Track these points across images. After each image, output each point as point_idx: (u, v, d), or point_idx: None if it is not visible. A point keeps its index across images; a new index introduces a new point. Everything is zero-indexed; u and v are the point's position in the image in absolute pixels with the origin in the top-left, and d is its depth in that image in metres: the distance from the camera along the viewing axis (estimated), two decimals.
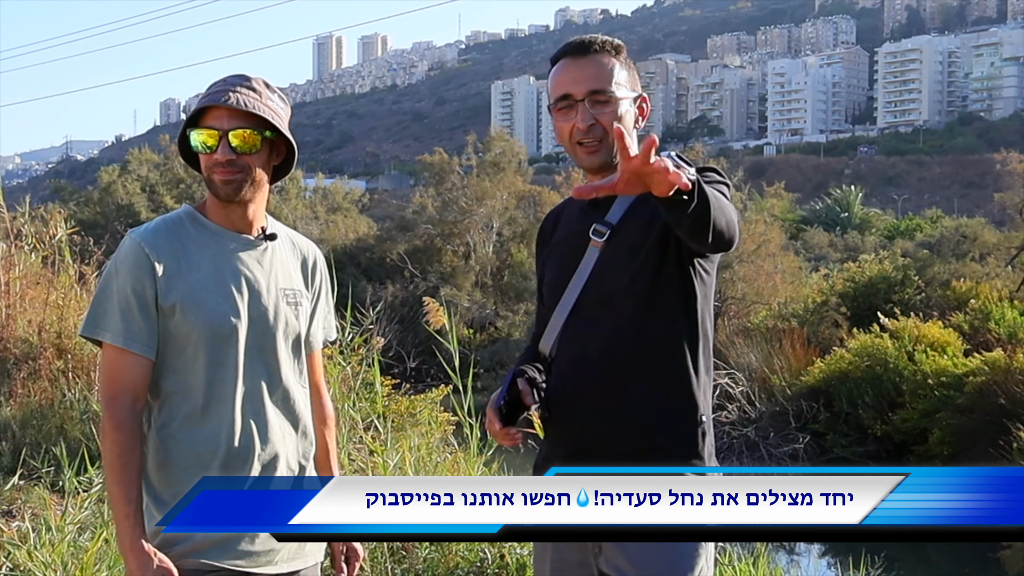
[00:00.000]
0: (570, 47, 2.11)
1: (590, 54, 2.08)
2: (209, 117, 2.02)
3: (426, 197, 29.29)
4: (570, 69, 2.08)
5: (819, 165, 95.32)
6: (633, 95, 2.10)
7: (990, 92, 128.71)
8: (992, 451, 11.89)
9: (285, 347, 2.12)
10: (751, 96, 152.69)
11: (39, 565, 3.31)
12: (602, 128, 2.04)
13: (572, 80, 2.06)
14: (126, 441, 1.96)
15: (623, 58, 2.11)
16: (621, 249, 2.05)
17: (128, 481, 1.95)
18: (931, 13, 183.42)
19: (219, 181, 2.03)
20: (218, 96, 2.01)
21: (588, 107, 2.04)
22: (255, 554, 2.05)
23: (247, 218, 2.11)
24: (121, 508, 1.94)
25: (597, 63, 2.07)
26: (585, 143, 2.06)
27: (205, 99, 2.03)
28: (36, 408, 5.49)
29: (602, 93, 2.05)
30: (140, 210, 29.41)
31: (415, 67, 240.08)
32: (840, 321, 18.11)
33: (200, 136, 2.02)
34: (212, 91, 2.05)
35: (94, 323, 2.02)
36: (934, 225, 36.96)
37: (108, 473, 1.97)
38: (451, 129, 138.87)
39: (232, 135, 2.01)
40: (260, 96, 2.05)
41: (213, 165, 2.02)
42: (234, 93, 2.02)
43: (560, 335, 2.12)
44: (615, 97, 2.05)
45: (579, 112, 2.05)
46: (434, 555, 3.77)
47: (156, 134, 73.59)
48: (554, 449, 2.13)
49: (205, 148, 2.02)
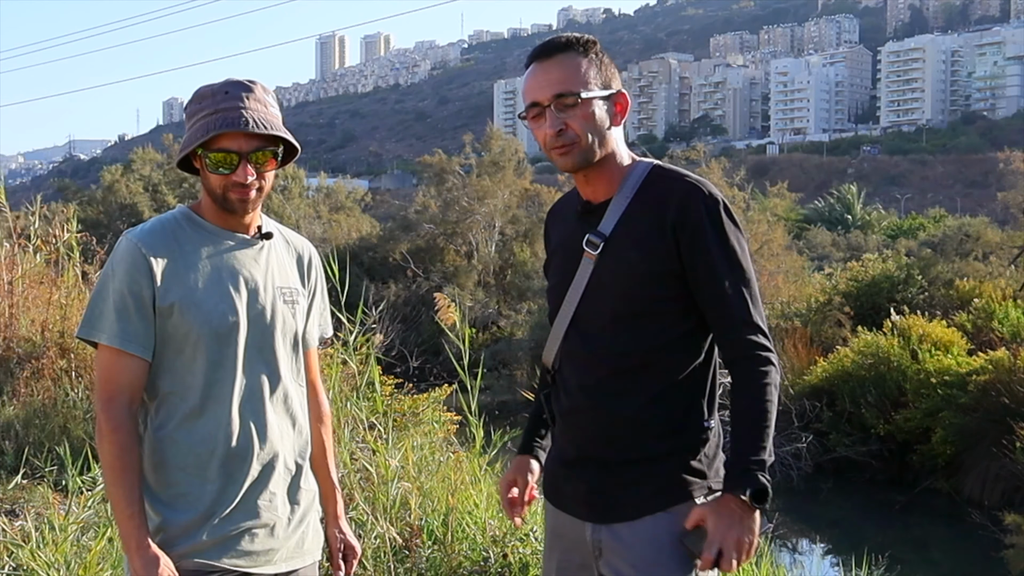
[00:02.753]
0: (536, 50, 2.05)
1: (555, 56, 2.02)
2: (223, 139, 1.98)
3: (428, 197, 29.30)
4: (536, 74, 2.03)
5: (822, 164, 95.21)
6: (605, 93, 2.03)
7: (993, 91, 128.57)
8: (995, 451, 11.87)
9: (283, 345, 2.12)
10: (754, 95, 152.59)
11: (42, 565, 3.31)
12: (573, 132, 1.99)
13: (537, 86, 2.02)
14: (125, 442, 1.96)
15: (593, 54, 2.03)
16: (614, 263, 2.02)
17: (129, 482, 1.94)
18: (934, 12, 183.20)
19: (236, 199, 2.02)
20: (235, 120, 1.97)
21: (555, 112, 1.99)
22: (254, 553, 2.05)
23: (246, 219, 2.11)
24: (124, 509, 1.93)
25: (562, 65, 2.00)
26: (557, 147, 2.01)
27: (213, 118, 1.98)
28: (39, 407, 5.49)
29: (568, 95, 1.98)
30: (143, 210, 29.45)
31: (418, 66, 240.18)
32: (843, 320, 18.08)
33: (217, 158, 1.99)
34: (217, 107, 1.99)
35: (91, 325, 2.01)
36: (937, 224, 36.88)
37: (108, 474, 1.97)
38: (454, 128, 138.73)
39: (252, 156, 2.00)
40: (267, 107, 2.04)
41: (232, 185, 2.01)
42: (246, 112, 1.99)
43: (561, 347, 2.12)
44: (582, 98, 1.99)
45: (547, 117, 2.00)
46: (437, 554, 3.77)
47: (159, 133, 73.60)
48: (560, 455, 2.16)
49: (223, 170, 2.00)
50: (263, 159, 2.02)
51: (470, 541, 3.83)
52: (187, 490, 2.00)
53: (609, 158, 2.06)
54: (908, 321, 14.97)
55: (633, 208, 2.02)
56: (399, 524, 3.84)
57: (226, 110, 1.99)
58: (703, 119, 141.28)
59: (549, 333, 2.16)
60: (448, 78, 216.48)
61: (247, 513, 2.04)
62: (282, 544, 2.09)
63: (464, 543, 3.82)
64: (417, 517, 3.89)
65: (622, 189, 2.05)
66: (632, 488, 2.01)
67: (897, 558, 9.16)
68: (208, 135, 1.96)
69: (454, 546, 3.78)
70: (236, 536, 2.03)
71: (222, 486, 2.01)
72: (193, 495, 2.00)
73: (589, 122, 2.00)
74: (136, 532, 1.91)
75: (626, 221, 2.02)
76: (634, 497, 2.01)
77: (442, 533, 3.83)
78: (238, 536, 2.03)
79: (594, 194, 2.09)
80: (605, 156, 2.04)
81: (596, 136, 2.01)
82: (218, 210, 2.07)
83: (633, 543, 2.00)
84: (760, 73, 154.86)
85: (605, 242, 2.03)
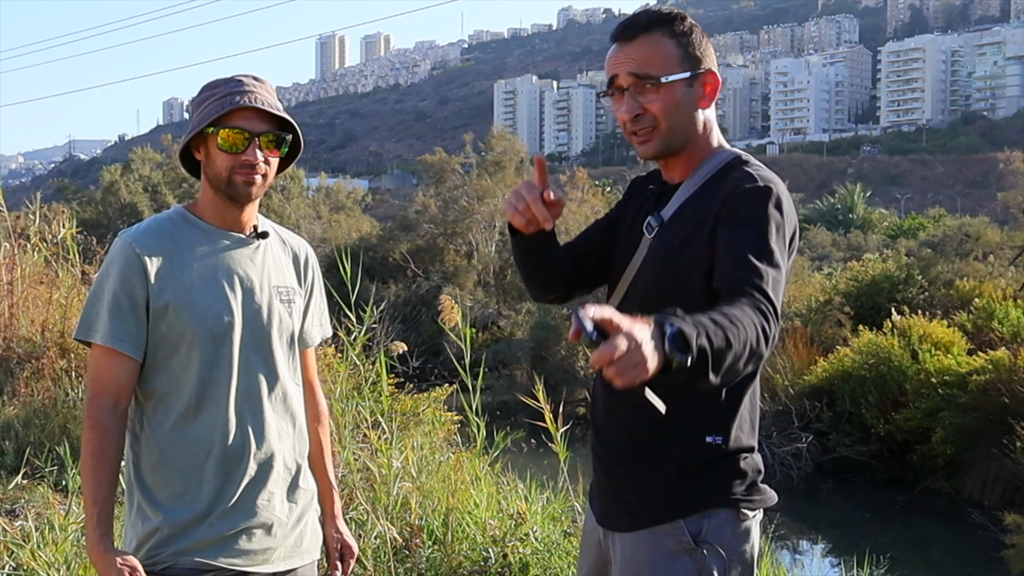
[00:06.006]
0: (619, 28, 1.93)
1: (639, 35, 1.89)
2: (236, 117, 2.00)
3: (428, 197, 29.31)
4: (617, 53, 1.91)
5: (822, 164, 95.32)
6: (688, 75, 1.89)
7: (993, 91, 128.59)
8: (995, 451, 11.87)
9: (280, 345, 2.11)
10: (754, 95, 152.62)
11: (42, 564, 3.31)
12: (652, 116, 1.89)
13: (617, 62, 1.90)
14: (100, 441, 1.96)
15: (680, 30, 1.90)
16: (663, 249, 1.92)
17: (97, 482, 1.94)
18: (934, 12, 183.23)
19: (241, 182, 2.02)
20: (248, 96, 2.00)
21: (634, 95, 1.89)
22: (252, 552, 2.05)
23: (242, 217, 2.10)
24: (89, 507, 1.94)
25: (643, 45, 1.88)
26: (635, 133, 1.92)
27: (227, 98, 2.00)
28: (39, 407, 5.48)
29: (648, 79, 1.87)
30: (143, 209, 29.47)
31: (418, 66, 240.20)
32: (843, 320, 18.09)
33: (231, 136, 2.00)
34: (231, 91, 2.02)
35: (87, 326, 2.01)
36: (937, 224, 36.89)
37: (82, 471, 1.98)
38: (454, 128, 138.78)
39: (262, 138, 2.02)
40: (274, 98, 2.07)
41: (239, 166, 2.01)
42: (259, 95, 2.02)
43: None
44: (661, 82, 1.87)
45: (625, 101, 1.90)
46: (437, 554, 3.77)
47: (159, 133, 73.67)
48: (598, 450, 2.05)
49: (233, 148, 2.01)
50: (271, 144, 2.04)
51: (470, 541, 3.83)
52: (184, 489, 2.00)
53: (693, 143, 1.94)
54: (908, 321, 14.97)
55: (697, 196, 1.92)
56: (399, 524, 3.84)
57: (239, 92, 2.02)
58: None
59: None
60: (448, 78, 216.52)
61: (245, 512, 2.03)
62: (280, 543, 2.09)
63: (464, 543, 3.81)
64: (417, 517, 3.88)
65: (694, 175, 1.95)
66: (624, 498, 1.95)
67: (897, 558, 9.17)
68: (223, 111, 1.98)
69: (454, 546, 3.78)
70: (234, 535, 2.02)
71: (219, 485, 2.01)
72: (190, 494, 2.00)
73: (669, 107, 1.89)
74: (93, 532, 1.92)
75: (685, 208, 1.93)
76: (626, 508, 1.95)
77: (442, 533, 3.83)
78: (236, 535, 2.02)
79: (671, 176, 2.01)
80: (688, 141, 1.93)
81: (677, 121, 1.90)
82: (219, 202, 2.07)
83: (621, 558, 1.95)
84: (760, 73, 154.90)
85: (661, 226, 1.95)
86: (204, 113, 2.02)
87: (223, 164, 2.02)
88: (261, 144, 2.02)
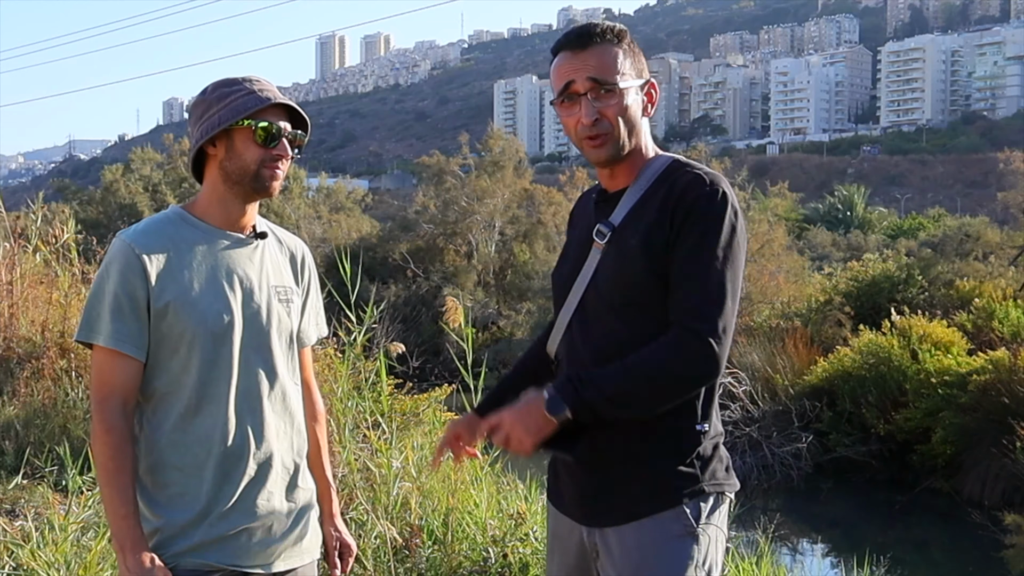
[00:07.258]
0: (570, 37, 2.02)
1: (590, 45, 1.98)
2: (268, 113, 2.04)
3: (427, 197, 29.32)
4: (571, 60, 1.99)
5: (822, 164, 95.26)
6: (639, 82, 2.01)
7: (993, 91, 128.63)
8: (995, 451, 11.87)
9: (279, 344, 2.12)
10: (754, 95, 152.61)
11: (42, 565, 3.30)
12: (608, 121, 1.97)
13: (573, 69, 1.98)
14: (118, 443, 1.95)
15: (626, 44, 2.02)
16: (617, 252, 1.98)
17: (123, 483, 1.93)
18: (934, 12, 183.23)
19: (268, 176, 2.05)
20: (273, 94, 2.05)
21: (592, 100, 1.97)
22: (253, 552, 2.05)
23: (243, 217, 2.11)
24: (118, 509, 1.92)
25: (598, 53, 1.98)
26: (591, 138, 1.99)
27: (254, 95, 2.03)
28: (39, 407, 5.48)
29: (605, 84, 1.96)
30: (143, 209, 29.44)
31: (418, 66, 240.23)
32: (843, 320, 18.08)
33: (270, 128, 2.03)
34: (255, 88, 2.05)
35: (88, 327, 2.00)
36: (937, 224, 36.92)
37: (101, 475, 1.96)
38: (454, 128, 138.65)
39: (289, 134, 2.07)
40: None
41: (270, 159, 2.04)
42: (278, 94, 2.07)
43: (564, 337, 2.09)
44: (619, 88, 1.97)
45: (583, 106, 1.97)
46: (437, 554, 3.77)
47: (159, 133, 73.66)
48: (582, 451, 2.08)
49: (270, 142, 2.04)
50: (300, 141, 2.10)
51: (470, 541, 3.83)
52: (184, 490, 2.00)
53: (636, 149, 2.04)
54: (908, 321, 14.96)
55: (644, 199, 2.00)
56: (399, 524, 3.84)
57: (266, 89, 2.06)
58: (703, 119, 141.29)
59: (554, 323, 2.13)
60: (448, 78, 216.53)
61: (245, 512, 2.03)
62: (280, 543, 2.09)
63: (464, 543, 3.82)
64: (417, 517, 3.89)
65: (638, 180, 2.03)
66: (618, 491, 1.98)
67: (897, 558, 9.17)
68: (262, 105, 2.02)
69: (454, 546, 3.79)
70: (234, 535, 2.02)
71: (219, 485, 2.01)
72: (190, 495, 2.00)
73: (624, 112, 1.98)
74: (130, 533, 1.90)
75: (635, 211, 2.00)
76: (620, 500, 1.97)
77: (442, 533, 3.83)
78: (236, 535, 2.02)
79: (613, 183, 2.08)
80: (635, 147, 2.03)
81: (629, 127, 2.00)
82: (229, 200, 2.08)
83: (619, 549, 1.97)
84: (760, 73, 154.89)
85: (612, 232, 2.01)
86: (234, 107, 2.02)
87: (253, 157, 2.03)
88: (290, 139, 2.07)
